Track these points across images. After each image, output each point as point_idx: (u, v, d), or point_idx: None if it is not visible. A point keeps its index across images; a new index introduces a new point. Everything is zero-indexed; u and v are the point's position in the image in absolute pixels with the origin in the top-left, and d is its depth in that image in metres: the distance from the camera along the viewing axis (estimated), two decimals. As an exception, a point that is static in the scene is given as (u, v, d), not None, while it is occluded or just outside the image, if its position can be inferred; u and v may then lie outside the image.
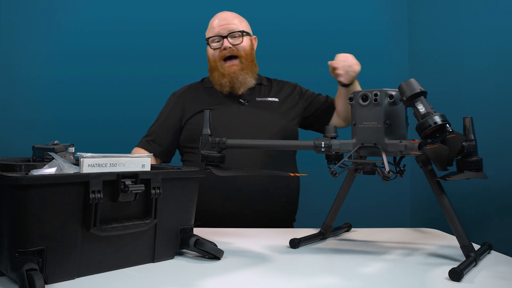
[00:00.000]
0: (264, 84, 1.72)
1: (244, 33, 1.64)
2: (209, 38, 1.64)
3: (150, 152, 1.58)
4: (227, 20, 1.63)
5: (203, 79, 1.75)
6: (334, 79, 2.26)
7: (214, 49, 1.63)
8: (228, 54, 1.62)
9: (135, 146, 1.65)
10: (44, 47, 2.23)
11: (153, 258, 0.97)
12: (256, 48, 1.72)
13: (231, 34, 1.62)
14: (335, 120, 1.71)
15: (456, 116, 1.13)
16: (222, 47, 1.61)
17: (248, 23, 1.70)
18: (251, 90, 1.66)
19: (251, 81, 1.63)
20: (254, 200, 1.52)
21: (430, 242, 1.24)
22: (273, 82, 1.75)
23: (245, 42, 1.64)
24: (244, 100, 1.64)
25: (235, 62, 1.62)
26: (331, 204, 1.25)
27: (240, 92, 1.63)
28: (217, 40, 1.63)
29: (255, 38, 1.71)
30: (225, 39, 1.61)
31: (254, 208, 1.52)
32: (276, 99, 1.68)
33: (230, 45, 1.61)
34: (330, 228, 1.25)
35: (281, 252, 1.10)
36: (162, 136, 1.65)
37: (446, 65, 1.95)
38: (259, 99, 1.66)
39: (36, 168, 0.95)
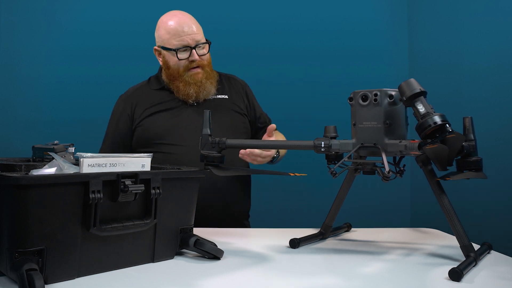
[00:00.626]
0: None
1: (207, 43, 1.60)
2: (177, 49, 1.55)
3: None
4: (192, 28, 1.57)
5: (149, 79, 1.69)
6: (332, 78, 2.27)
7: (181, 59, 1.56)
8: (195, 66, 1.57)
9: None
10: (44, 47, 2.23)
11: (153, 258, 0.97)
12: (256, 48, 1.71)
13: (198, 46, 1.56)
14: None
15: (456, 116, 1.13)
16: (191, 59, 1.55)
17: (201, 26, 1.64)
18: None
19: (213, 90, 1.60)
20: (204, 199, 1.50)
21: (430, 242, 1.24)
22: (222, 77, 1.70)
23: (207, 51, 1.61)
24: (192, 101, 1.59)
25: (200, 70, 1.57)
26: (331, 204, 1.25)
27: (202, 100, 1.59)
28: (184, 50, 1.56)
29: (209, 42, 1.65)
30: (193, 51, 1.55)
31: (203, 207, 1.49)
32: (226, 96, 1.65)
33: (199, 57, 1.56)
34: (330, 228, 1.25)
35: (281, 252, 1.10)
36: (117, 143, 1.60)
37: (446, 65, 1.95)
38: (209, 97, 1.61)
39: (36, 168, 0.96)
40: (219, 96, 1.63)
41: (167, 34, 1.58)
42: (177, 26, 1.56)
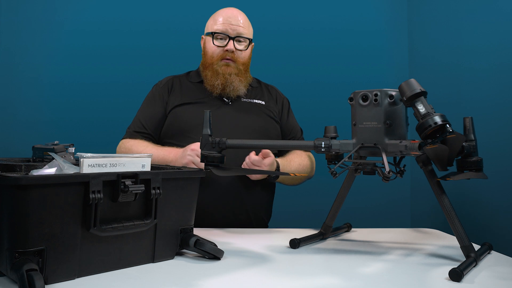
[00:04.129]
0: (253, 86, 1.68)
1: (250, 41, 1.60)
2: (214, 33, 1.56)
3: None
4: (237, 20, 1.57)
5: (189, 73, 1.69)
6: (332, 78, 2.26)
7: (217, 46, 1.56)
8: (228, 57, 1.56)
9: (122, 138, 1.60)
10: (44, 47, 2.23)
11: (153, 258, 0.97)
12: (256, 49, 1.71)
13: (238, 38, 1.56)
14: None
15: (456, 116, 1.13)
16: (225, 48, 1.55)
17: (252, 28, 1.65)
18: None
19: (242, 90, 1.58)
20: (221, 205, 1.48)
21: (430, 242, 1.24)
22: (262, 86, 1.72)
23: (248, 50, 1.60)
24: (228, 99, 1.59)
25: (232, 64, 1.56)
26: (331, 204, 1.25)
27: (233, 96, 1.58)
28: (222, 37, 1.56)
29: (253, 45, 1.66)
30: (231, 41, 1.55)
31: (219, 213, 1.47)
32: (262, 102, 1.64)
33: (234, 49, 1.56)
34: (330, 228, 1.26)
35: (281, 252, 1.10)
36: (147, 125, 1.58)
37: (446, 65, 1.95)
38: (245, 99, 1.61)
39: (36, 168, 0.96)
40: (256, 101, 1.63)
41: (213, 19, 1.61)
42: (224, 14, 1.59)
